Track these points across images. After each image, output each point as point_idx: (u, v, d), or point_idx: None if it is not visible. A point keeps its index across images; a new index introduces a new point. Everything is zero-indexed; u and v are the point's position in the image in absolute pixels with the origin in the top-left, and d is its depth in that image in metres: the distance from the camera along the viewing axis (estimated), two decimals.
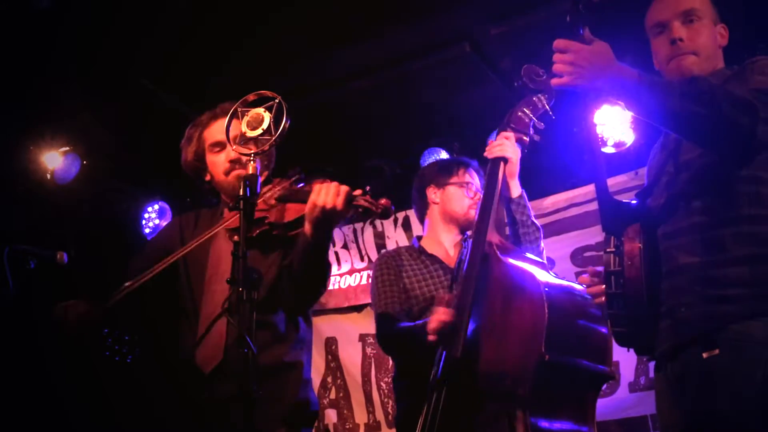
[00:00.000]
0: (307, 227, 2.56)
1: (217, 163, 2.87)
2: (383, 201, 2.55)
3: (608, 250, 2.22)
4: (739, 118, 2.03)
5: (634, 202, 2.35)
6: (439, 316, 2.77)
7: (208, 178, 2.95)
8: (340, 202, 2.50)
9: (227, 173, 2.84)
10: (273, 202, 2.70)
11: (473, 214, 3.36)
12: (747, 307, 2.05)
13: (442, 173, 3.47)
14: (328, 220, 2.53)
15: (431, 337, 2.77)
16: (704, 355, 2.08)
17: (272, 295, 2.72)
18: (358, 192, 2.55)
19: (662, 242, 2.23)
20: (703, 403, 2.09)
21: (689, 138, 2.20)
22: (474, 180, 3.46)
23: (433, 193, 3.45)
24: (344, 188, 2.52)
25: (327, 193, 2.51)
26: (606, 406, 4.31)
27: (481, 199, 3.04)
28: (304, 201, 2.57)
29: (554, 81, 2.09)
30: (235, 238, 2.66)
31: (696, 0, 2.41)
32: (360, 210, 2.55)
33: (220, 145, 2.84)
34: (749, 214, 2.10)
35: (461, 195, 3.40)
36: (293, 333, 2.81)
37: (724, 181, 2.15)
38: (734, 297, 2.06)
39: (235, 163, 2.83)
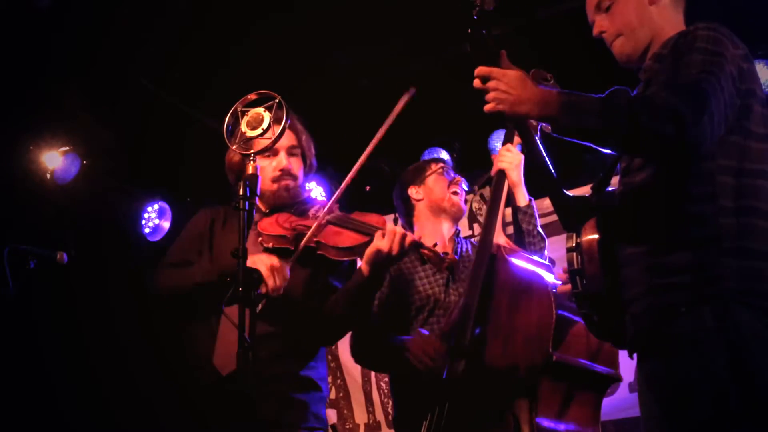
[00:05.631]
0: (366, 268, 2.68)
1: (265, 168, 2.82)
2: (450, 256, 2.75)
3: (570, 247, 2.17)
4: (660, 128, 1.92)
5: (590, 194, 2.28)
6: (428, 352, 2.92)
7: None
8: (402, 248, 2.65)
9: (275, 180, 2.84)
10: (324, 222, 2.74)
11: (457, 200, 3.38)
12: (694, 293, 1.96)
13: (418, 171, 3.51)
14: (387, 264, 2.70)
15: (421, 366, 2.93)
16: (662, 357, 1.99)
17: (298, 310, 2.73)
18: (412, 237, 2.69)
19: (616, 232, 2.15)
20: (676, 409, 1.96)
21: (617, 153, 2.16)
22: (449, 168, 3.50)
23: (415, 192, 3.46)
24: (409, 237, 2.67)
25: (390, 240, 2.62)
26: (606, 406, 4.29)
27: (486, 208, 3.05)
28: (364, 234, 2.71)
29: (485, 107, 2.09)
30: (270, 244, 2.73)
31: None
32: (425, 258, 2.83)
33: (271, 151, 2.79)
34: (690, 193, 2.01)
35: (442, 180, 3.42)
36: (311, 350, 2.85)
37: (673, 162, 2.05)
38: (679, 284, 1.98)
39: (285, 173, 2.84)
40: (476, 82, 2.08)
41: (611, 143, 2.07)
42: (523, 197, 3.18)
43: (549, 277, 2.79)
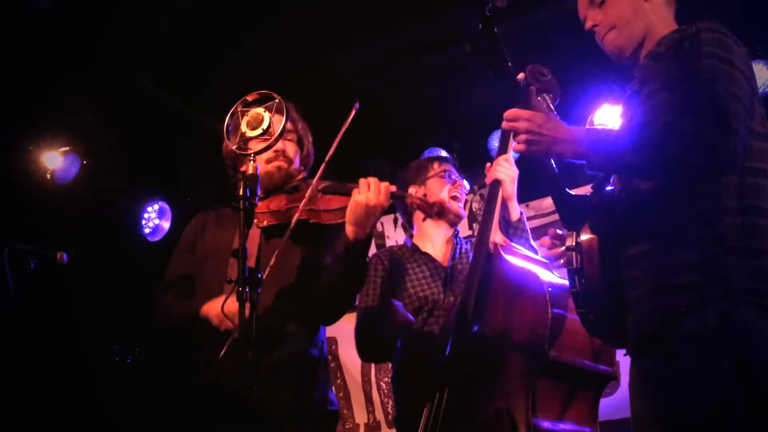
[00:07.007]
0: (349, 229, 2.62)
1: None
2: (438, 200, 2.72)
3: (569, 246, 2.17)
4: (692, 158, 1.95)
5: (591, 192, 2.28)
6: None
7: (243, 168, 2.92)
8: (383, 198, 2.60)
9: (269, 161, 2.84)
10: (314, 192, 2.73)
11: (456, 206, 3.36)
12: (697, 294, 1.95)
13: (420, 171, 3.47)
14: (370, 216, 2.62)
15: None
16: (665, 357, 1.97)
17: (297, 287, 2.73)
18: (393, 188, 2.65)
19: (617, 232, 2.16)
20: (679, 410, 1.93)
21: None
22: (452, 169, 3.46)
23: (415, 192, 3.44)
24: (385, 185, 2.62)
25: (369, 191, 2.59)
26: (606, 406, 4.30)
27: (481, 213, 3.05)
28: (348, 194, 2.65)
29: (515, 147, 2.13)
30: (264, 222, 2.73)
31: None
32: (414, 207, 2.74)
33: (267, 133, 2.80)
34: (694, 193, 2.02)
35: (442, 183, 3.39)
36: (314, 329, 2.84)
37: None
38: (684, 285, 1.98)
39: (279, 153, 2.85)
40: (505, 124, 2.11)
41: (642, 174, 2.11)
42: (515, 211, 3.16)
43: (546, 276, 2.80)
